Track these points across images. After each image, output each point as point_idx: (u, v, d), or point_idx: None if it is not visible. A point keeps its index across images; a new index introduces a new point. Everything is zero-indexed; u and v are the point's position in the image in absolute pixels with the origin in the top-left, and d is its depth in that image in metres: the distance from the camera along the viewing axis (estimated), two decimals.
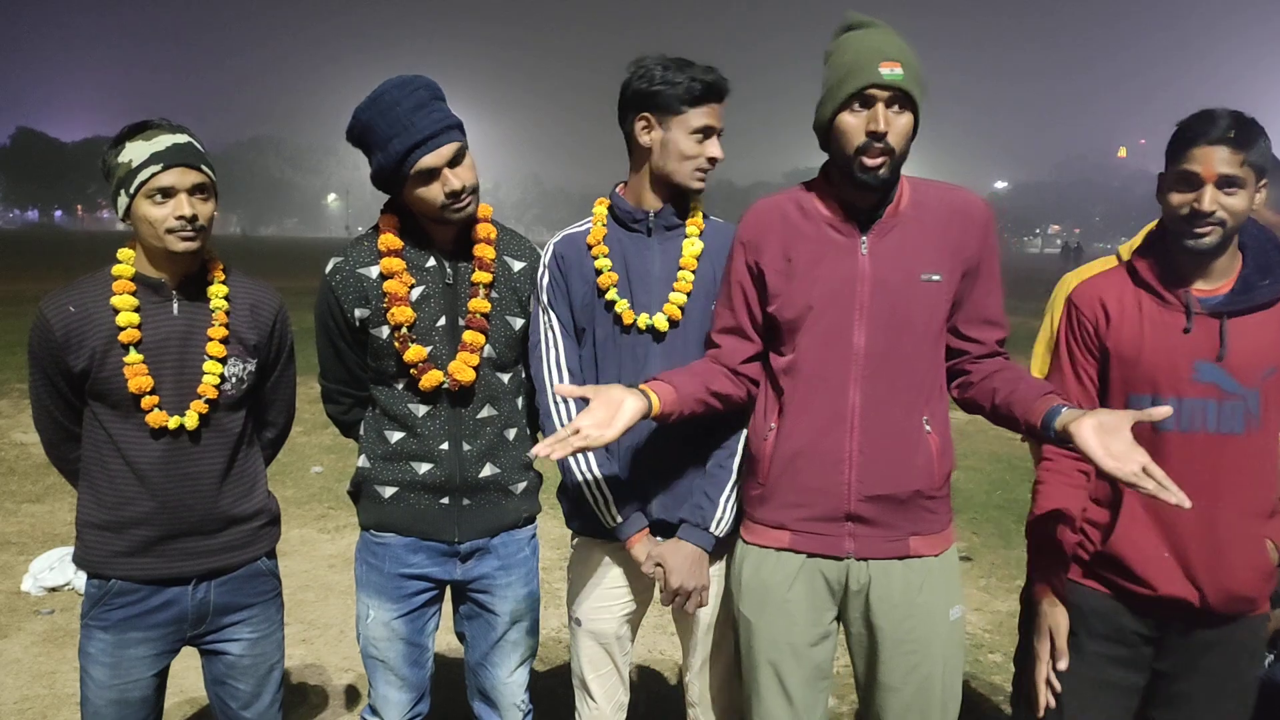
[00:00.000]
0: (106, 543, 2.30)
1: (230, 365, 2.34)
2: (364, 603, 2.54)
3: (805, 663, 2.26)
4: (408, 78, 2.32)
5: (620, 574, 2.50)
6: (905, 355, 2.16)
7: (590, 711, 2.58)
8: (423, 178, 2.30)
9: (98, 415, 2.28)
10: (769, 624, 2.26)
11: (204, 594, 2.37)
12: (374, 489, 2.51)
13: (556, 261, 2.45)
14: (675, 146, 2.33)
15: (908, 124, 2.08)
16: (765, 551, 2.27)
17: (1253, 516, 2.17)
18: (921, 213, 2.19)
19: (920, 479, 2.18)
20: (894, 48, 2.06)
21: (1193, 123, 2.10)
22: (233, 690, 2.47)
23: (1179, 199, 2.11)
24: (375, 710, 2.57)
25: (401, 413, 2.45)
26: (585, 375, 2.44)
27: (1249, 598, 2.19)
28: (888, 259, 2.17)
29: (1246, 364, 2.13)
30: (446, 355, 2.43)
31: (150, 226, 2.20)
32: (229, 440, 2.37)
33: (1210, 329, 2.15)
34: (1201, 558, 2.16)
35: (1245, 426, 2.15)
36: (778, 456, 2.22)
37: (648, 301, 2.39)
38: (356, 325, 2.43)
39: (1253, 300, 2.15)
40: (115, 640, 2.31)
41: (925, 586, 2.21)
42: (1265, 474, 2.19)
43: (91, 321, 2.24)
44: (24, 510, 6.32)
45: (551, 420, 2.40)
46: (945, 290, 2.18)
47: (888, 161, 2.07)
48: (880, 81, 2.03)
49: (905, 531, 2.20)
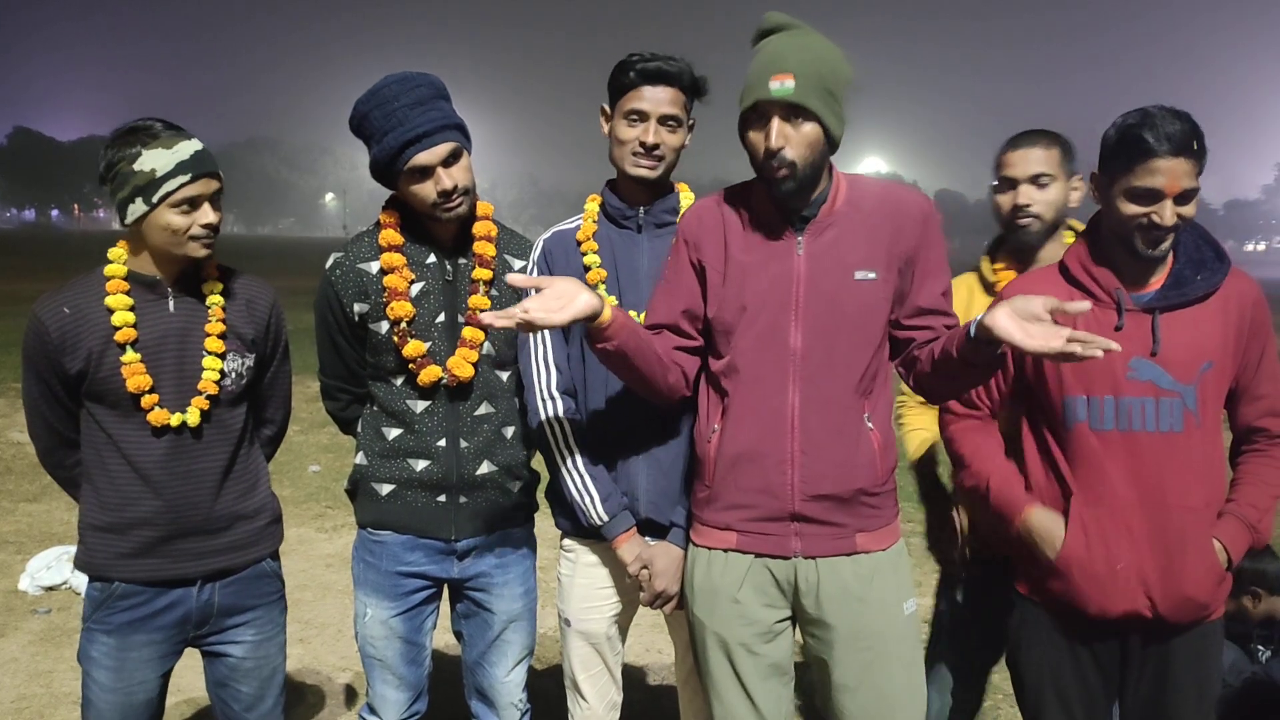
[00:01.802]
0: (110, 545, 2.28)
1: (229, 360, 2.33)
2: (361, 601, 2.54)
3: (760, 660, 2.24)
4: (411, 74, 2.33)
5: (608, 574, 2.49)
6: (843, 354, 2.15)
7: (582, 712, 2.57)
8: (416, 174, 2.31)
9: (96, 417, 2.27)
10: (720, 624, 2.24)
11: (208, 595, 2.36)
12: (371, 486, 2.51)
13: (545, 258, 2.45)
14: (614, 133, 2.35)
15: (810, 133, 2.06)
16: (714, 553, 2.26)
17: (1201, 518, 2.15)
18: (857, 211, 2.18)
19: (863, 477, 2.17)
20: (792, 57, 2.04)
21: (1151, 132, 2.03)
22: (235, 692, 2.46)
23: (1135, 210, 2.08)
24: (373, 709, 2.57)
25: (399, 409, 2.46)
26: (574, 372, 2.43)
27: (1202, 602, 2.17)
28: (822, 258, 2.15)
29: (1182, 359, 2.13)
30: (445, 351, 2.43)
31: (172, 235, 2.19)
32: (231, 437, 2.37)
33: (1143, 325, 2.15)
34: (1154, 564, 2.15)
35: (1185, 424, 2.14)
36: (721, 458, 2.21)
37: (636, 299, 2.39)
38: (355, 320, 2.44)
39: (1185, 296, 2.15)
40: (119, 643, 2.29)
41: (875, 581, 2.20)
42: (1212, 473, 2.18)
43: (87, 322, 2.22)
44: (21, 509, 6.32)
45: (538, 416, 2.40)
46: (882, 288, 2.15)
47: (790, 174, 2.06)
48: (768, 97, 2.04)
49: (851, 529, 2.19)
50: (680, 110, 2.33)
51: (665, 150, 2.33)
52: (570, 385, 2.42)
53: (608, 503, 2.35)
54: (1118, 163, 2.09)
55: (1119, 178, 2.09)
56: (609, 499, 2.36)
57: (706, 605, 2.26)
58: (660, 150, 2.32)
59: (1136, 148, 2.04)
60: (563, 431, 2.38)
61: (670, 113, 2.31)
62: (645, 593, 2.37)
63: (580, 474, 2.37)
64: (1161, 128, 2.02)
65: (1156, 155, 2.02)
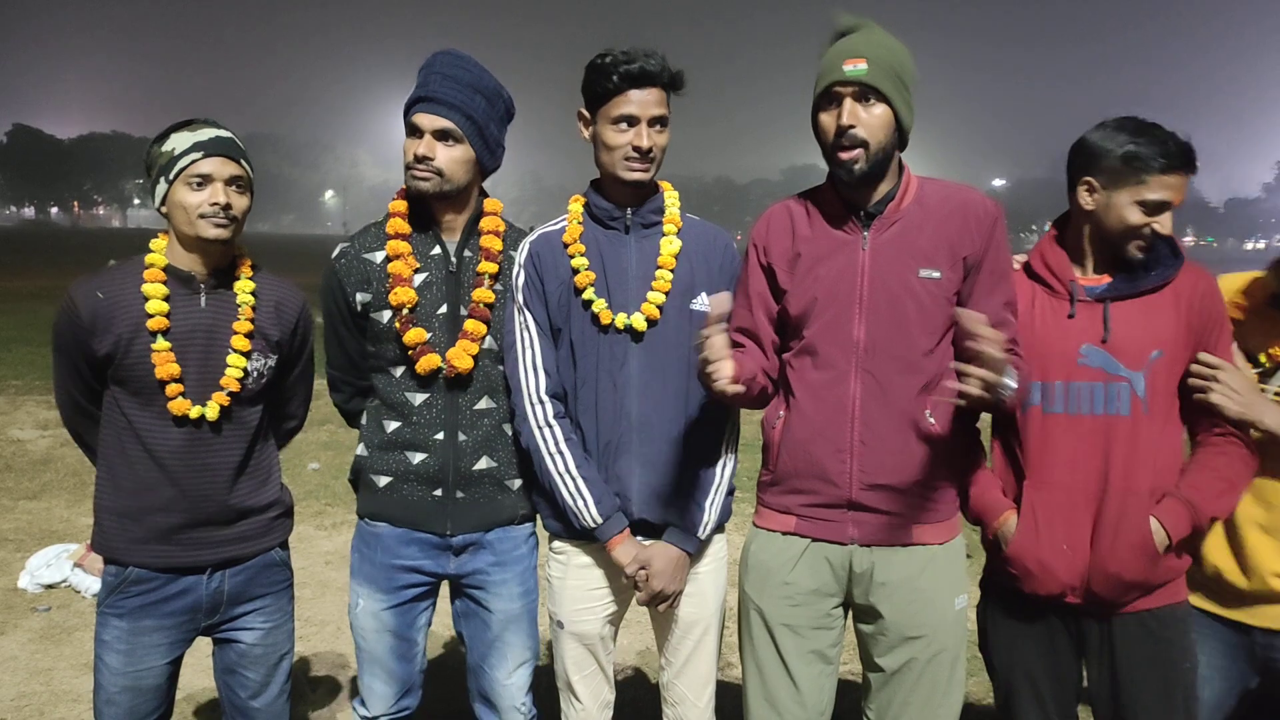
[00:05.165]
0: (125, 529, 2.33)
1: (253, 360, 2.38)
2: (355, 591, 2.55)
3: (804, 643, 2.30)
4: (463, 55, 2.45)
5: (601, 575, 2.48)
6: (904, 349, 2.20)
7: (576, 713, 2.56)
8: (410, 131, 2.42)
9: (118, 401, 2.32)
10: (768, 602, 2.32)
11: (219, 583, 2.40)
12: (370, 478, 2.53)
13: (532, 260, 2.43)
14: (601, 139, 2.34)
15: (882, 115, 2.13)
16: (772, 535, 2.35)
17: (1143, 502, 2.21)
18: (924, 209, 2.23)
19: (920, 470, 2.22)
20: (864, 45, 2.13)
21: (1166, 148, 2.18)
22: (242, 679, 2.49)
23: (1142, 219, 2.21)
24: (363, 701, 2.58)
25: (399, 401, 2.47)
26: (562, 375, 2.43)
27: (1130, 581, 2.21)
28: (887, 255, 2.21)
29: (1131, 347, 2.22)
30: (446, 343, 2.44)
31: (184, 212, 2.26)
32: (247, 433, 2.40)
33: (1095, 314, 2.25)
34: (1094, 541, 2.22)
35: (1132, 409, 2.22)
36: (785, 444, 2.29)
37: (625, 301, 2.38)
38: (358, 309, 2.46)
39: (1136, 287, 2.25)
40: (130, 628, 2.34)
41: (927, 573, 2.25)
42: (1160, 458, 2.24)
43: (119, 308, 2.28)
44: (20, 507, 6.32)
45: (528, 422, 2.39)
46: (945, 287, 2.20)
47: (862, 154, 2.13)
48: (842, 78, 2.12)
49: (908, 520, 2.24)
50: (666, 109, 2.33)
51: (657, 152, 2.34)
52: (559, 389, 2.42)
53: (601, 505, 2.35)
54: (1128, 173, 2.20)
55: (1128, 187, 2.20)
56: (602, 501, 2.35)
57: (758, 583, 2.35)
58: (653, 153, 2.33)
59: (1154, 161, 2.17)
60: (553, 435, 2.38)
61: (659, 114, 2.31)
62: (643, 593, 2.37)
63: (572, 477, 2.36)
64: (1172, 144, 2.18)
65: (1175, 170, 2.18)
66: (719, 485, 2.42)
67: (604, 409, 2.38)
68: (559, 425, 2.38)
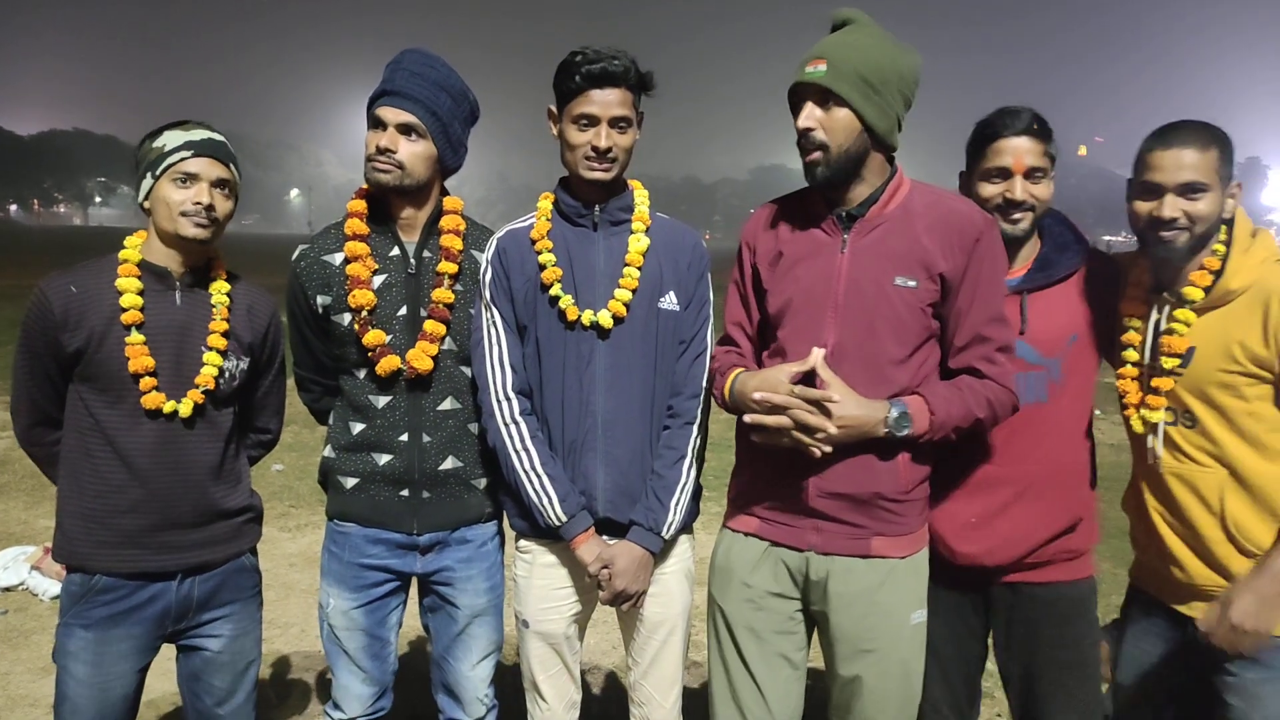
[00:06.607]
0: (90, 532, 2.27)
1: (227, 360, 2.37)
2: (325, 591, 2.55)
3: (767, 647, 2.30)
4: (433, 55, 2.45)
5: (566, 574, 2.48)
6: (873, 356, 2.16)
7: (542, 712, 2.56)
8: (372, 122, 2.42)
9: (85, 400, 2.28)
10: (731, 605, 2.34)
11: (188, 589, 2.37)
12: (338, 479, 2.52)
13: (499, 257, 2.43)
14: (565, 137, 2.35)
15: (843, 118, 2.12)
16: (736, 536, 2.36)
17: (1062, 480, 2.33)
18: (909, 216, 2.19)
19: (883, 482, 2.18)
20: (831, 46, 2.13)
21: (996, 118, 2.32)
22: (208, 686, 2.46)
23: (991, 191, 2.31)
24: (337, 704, 2.56)
25: (363, 403, 2.46)
26: (529, 372, 2.42)
27: (1020, 551, 2.31)
28: (865, 259, 2.18)
29: (1049, 336, 2.31)
30: (406, 344, 2.44)
31: (167, 208, 2.26)
32: (219, 434, 2.38)
33: (1013, 306, 2.30)
34: (1002, 518, 2.31)
35: (1050, 394, 2.31)
36: (750, 446, 2.26)
37: (592, 298, 2.37)
38: (319, 312, 2.45)
39: (1051, 276, 2.33)
40: (97, 638, 2.29)
41: (886, 587, 2.23)
42: (1075, 437, 2.36)
43: (93, 302, 2.26)
44: None
45: (494, 419, 2.39)
46: (921, 297, 2.15)
47: (822, 156, 2.13)
48: (802, 80, 2.14)
49: (868, 531, 2.21)
50: (629, 110, 2.33)
51: (618, 152, 2.33)
52: (526, 385, 2.42)
53: (565, 503, 2.35)
54: (977, 149, 2.35)
55: (980, 163, 2.34)
56: (567, 499, 2.35)
57: (721, 584, 2.37)
58: (613, 153, 2.32)
59: (987, 129, 2.33)
60: (519, 432, 2.37)
61: (620, 114, 2.30)
62: (605, 592, 2.37)
63: (537, 474, 2.35)
64: (1009, 113, 2.31)
65: (1013, 133, 2.30)
66: (684, 485, 2.41)
67: (569, 406, 2.37)
68: (525, 421, 2.38)
